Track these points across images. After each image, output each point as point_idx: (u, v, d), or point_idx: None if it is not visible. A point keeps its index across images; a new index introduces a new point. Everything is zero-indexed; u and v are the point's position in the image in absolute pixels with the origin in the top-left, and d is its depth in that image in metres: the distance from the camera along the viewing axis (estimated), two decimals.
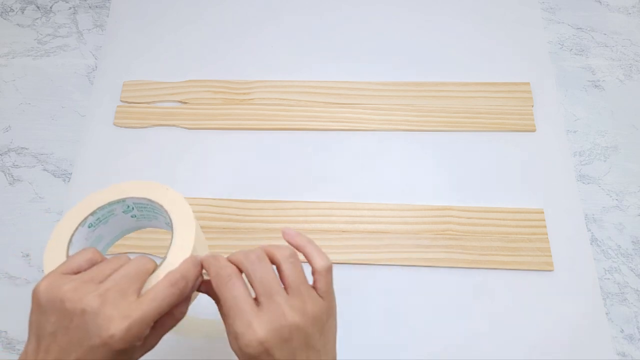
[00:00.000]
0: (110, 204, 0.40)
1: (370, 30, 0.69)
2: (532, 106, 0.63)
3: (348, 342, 0.52)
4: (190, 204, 0.59)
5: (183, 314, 0.35)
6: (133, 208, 0.41)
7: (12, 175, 0.62)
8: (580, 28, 0.69)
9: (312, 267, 0.36)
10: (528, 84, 0.64)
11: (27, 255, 0.57)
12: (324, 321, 0.34)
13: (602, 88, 0.65)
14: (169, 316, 0.34)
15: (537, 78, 0.65)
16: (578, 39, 0.69)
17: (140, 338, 0.31)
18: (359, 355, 0.51)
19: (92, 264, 0.34)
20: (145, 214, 0.42)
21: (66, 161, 0.62)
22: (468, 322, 0.52)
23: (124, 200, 0.40)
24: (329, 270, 0.36)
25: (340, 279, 0.54)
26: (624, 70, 0.66)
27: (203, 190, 0.59)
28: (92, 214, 0.39)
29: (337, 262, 0.55)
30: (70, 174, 0.61)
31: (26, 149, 0.63)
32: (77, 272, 0.33)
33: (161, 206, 0.39)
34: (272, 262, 0.35)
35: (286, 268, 0.34)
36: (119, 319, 0.30)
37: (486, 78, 0.65)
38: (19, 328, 0.54)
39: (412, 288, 0.54)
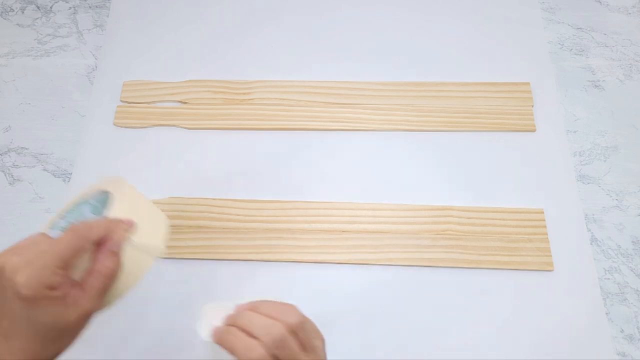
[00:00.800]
0: (76, 204, 0.40)
1: (370, 30, 0.69)
2: (532, 106, 0.63)
3: (348, 342, 0.52)
4: (190, 204, 0.59)
5: (109, 269, 0.36)
6: (99, 207, 0.41)
7: (12, 175, 0.62)
8: (580, 28, 0.69)
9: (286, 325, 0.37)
10: (528, 84, 0.64)
11: None
12: None
13: (602, 88, 0.65)
14: (95, 274, 0.35)
15: (537, 78, 0.65)
16: (578, 39, 0.69)
17: (49, 286, 0.32)
18: (358, 355, 0.51)
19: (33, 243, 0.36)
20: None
21: (66, 161, 0.62)
22: (468, 322, 0.52)
23: (86, 200, 0.40)
24: (300, 325, 0.37)
25: (340, 278, 0.55)
26: (624, 70, 0.66)
27: (203, 190, 0.59)
28: (61, 217, 0.39)
29: (337, 262, 0.55)
30: (70, 174, 0.61)
31: (26, 149, 0.63)
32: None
33: (112, 194, 0.39)
34: None
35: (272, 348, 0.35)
36: (23, 267, 0.32)
37: (486, 78, 0.65)
38: None
39: (412, 288, 0.54)
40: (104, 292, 0.36)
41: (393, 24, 0.70)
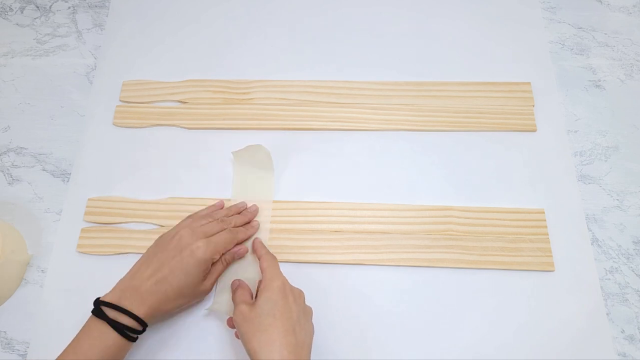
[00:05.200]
0: None
1: (371, 30, 0.69)
2: (533, 106, 0.63)
3: (348, 343, 0.51)
4: (190, 204, 0.59)
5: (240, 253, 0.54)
6: None
7: (11, 176, 0.61)
8: (581, 28, 0.69)
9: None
10: (529, 83, 0.64)
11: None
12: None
13: (603, 88, 0.65)
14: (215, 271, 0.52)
15: (538, 78, 0.65)
16: (579, 38, 0.68)
17: (212, 259, 0.49)
18: (358, 356, 0.51)
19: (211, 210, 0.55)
20: None
21: (65, 161, 0.62)
22: (468, 323, 0.52)
23: None
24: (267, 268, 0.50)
25: (340, 279, 0.54)
26: (625, 70, 0.66)
27: (203, 190, 0.59)
28: None
29: (337, 262, 0.55)
30: (70, 174, 0.61)
31: (25, 149, 0.63)
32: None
33: None
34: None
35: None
36: (206, 244, 0.49)
37: (487, 78, 0.65)
38: (18, 328, 0.54)
39: (412, 289, 0.54)
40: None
41: (393, 24, 0.69)
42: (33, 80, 0.67)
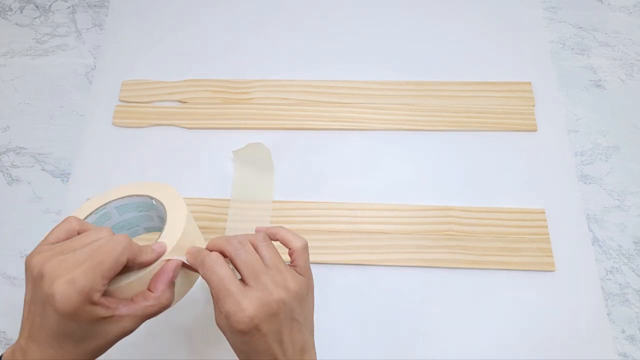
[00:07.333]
0: (110, 205, 0.41)
1: (371, 30, 0.69)
2: (534, 106, 0.63)
3: (348, 343, 0.51)
4: (190, 204, 0.59)
5: (168, 299, 0.35)
6: (145, 215, 0.43)
7: (10, 176, 0.61)
8: (582, 27, 0.69)
9: (290, 248, 0.39)
10: (529, 83, 0.64)
11: (26, 256, 0.57)
12: (304, 295, 0.37)
13: (604, 88, 0.65)
14: (151, 300, 0.34)
15: (539, 78, 0.65)
16: (579, 38, 0.68)
17: (91, 300, 0.31)
18: (359, 356, 0.51)
19: (70, 235, 0.35)
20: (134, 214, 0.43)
21: (65, 161, 0.62)
22: (469, 323, 0.52)
23: (126, 203, 0.42)
24: (305, 249, 0.39)
25: (340, 279, 0.54)
26: (626, 70, 0.66)
27: (203, 190, 0.59)
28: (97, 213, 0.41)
29: (337, 262, 0.55)
30: (69, 174, 0.61)
31: (25, 148, 0.63)
32: (57, 242, 0.34)
33: (151, 198, 0.41)
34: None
35: (262, 249, 0.37)
36: (63, 282, 0.30)
37: (487, 78, 0.65)
38: (17, 328, 0.53)
39: (413, 289, 0.54)
40: (149, 318, 0.35)
41: (393, 24, 0.69)
42: (32, 80, 0.67)
